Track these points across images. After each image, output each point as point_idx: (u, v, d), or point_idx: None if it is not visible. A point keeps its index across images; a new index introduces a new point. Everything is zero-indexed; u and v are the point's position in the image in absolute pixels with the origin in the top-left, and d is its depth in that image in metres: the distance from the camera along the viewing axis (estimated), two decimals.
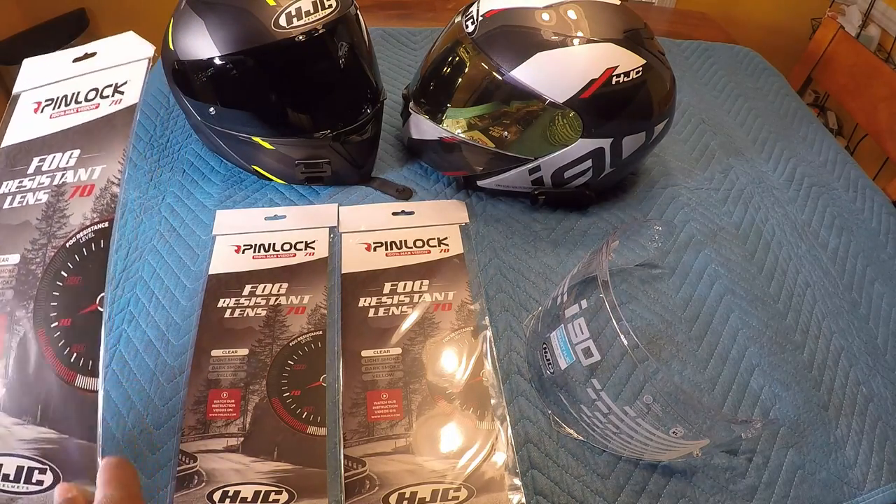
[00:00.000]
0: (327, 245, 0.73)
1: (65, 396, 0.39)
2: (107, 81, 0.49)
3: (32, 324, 0.41)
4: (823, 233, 0.84)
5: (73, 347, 0.40)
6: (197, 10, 0.69)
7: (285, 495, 0.52)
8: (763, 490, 0.56)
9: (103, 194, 0.44)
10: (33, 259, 0.42)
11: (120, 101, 0.48)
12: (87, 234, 0.43)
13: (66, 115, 0.48)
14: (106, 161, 0.45)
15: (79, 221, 0.43)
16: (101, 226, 0.43)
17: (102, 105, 0.48)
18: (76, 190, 0.44)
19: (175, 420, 0.57)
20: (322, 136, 0.76)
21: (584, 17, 0.69)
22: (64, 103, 0.49)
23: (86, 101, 0.48)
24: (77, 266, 0.42)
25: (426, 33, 1.17)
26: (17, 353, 0.40)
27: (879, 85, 1.26)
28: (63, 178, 0.45)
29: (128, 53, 0.50)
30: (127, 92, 0.48)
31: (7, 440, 0.39)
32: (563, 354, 0.56)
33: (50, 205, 0.44)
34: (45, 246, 0.43)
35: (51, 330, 0.40)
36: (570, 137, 0.72)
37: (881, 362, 0.68)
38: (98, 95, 0.48)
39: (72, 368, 0.40)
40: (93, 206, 0.44)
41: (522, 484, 0.54)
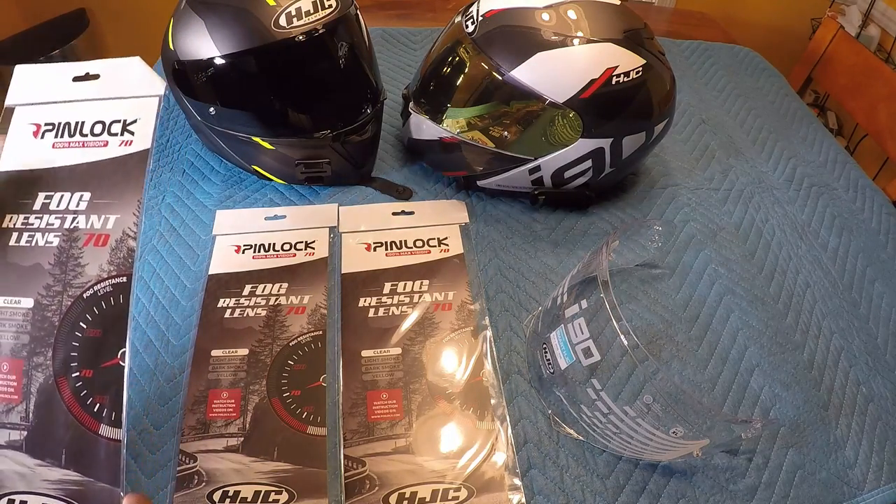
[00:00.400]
0: (327, 245, 0.73)
1: (89, 443, 0.41)
2: (114, 115, 0.47)
3: (52, 371, 0.41)
4: (823, 233, 0.84)
5: (96, 398, 0.41)
6: (197, 10, 0.69)
7: (285, 495, 0.52)
8: (763, 490, 0.56)
9: (119, 247, 0.44)
10: (48, 306, 0.42)
11: (131, 144, 0.46)
12: (105, 287, 0.43)
13: (70, 147, 0.46)
14: (120, 211, 0.44)
15: (95, 273, 0.43)
16: (118, 280, 0.43)
17: (111, 144, 0.46)
18: (90, 238, 0.44)
19: (175, 420, 0.57)
20: (322, 136, 0.76)
21: (584, 17, 0.69)
22: (67, 133, 0.47)
23: (92, 136, 0.47)
24: (96, 319, 0.42)
25: (426, 33, 1.17)
26: (37, 398, 0.41)
27: (879, 85, 1.26)
28: (75, 222, 0.44)
29: (135, 85, 0.48)
30: (137, 133, 0.46)
31: (31, 480, 0.40)
32: (563, 354, 0.56)
33: (62, 250, 0.44)
34: (61, 294, 0.43)
35: (72, 379, 0.41)
36: (570, 137, 0.72)
37: (881, 362, 0.68)
38: (105, 131, 0.47)
39: (95, 418, 0.41)
40: (109, 259, 0.43)
41: (522, 484, 0.54)
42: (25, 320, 0.42)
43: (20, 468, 0.40)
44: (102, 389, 0.42)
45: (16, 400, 0.41)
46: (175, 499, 0.51)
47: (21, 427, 0.41)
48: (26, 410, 0.41)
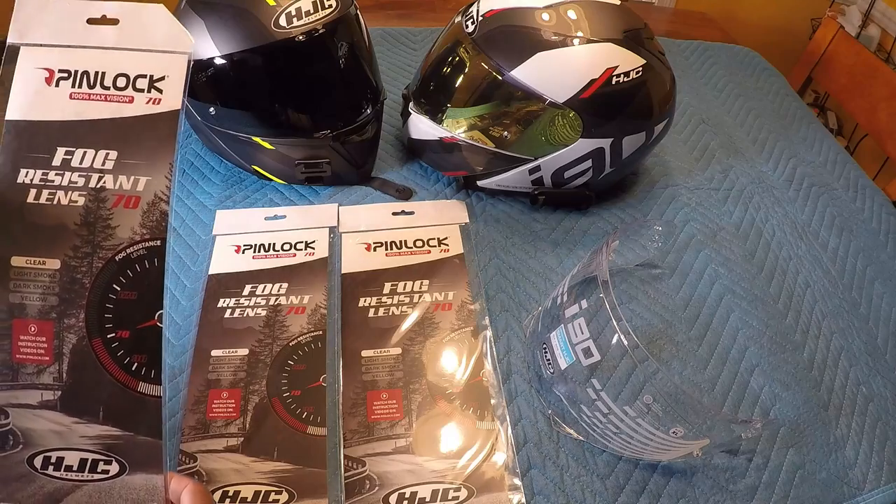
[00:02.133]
0: (327, 245, 0.73)
1: (127, 400, 0.41)
2: (139, 69, 0.43)
3: (86, 332, 0.41)
4: (823, 233, 0.84)
5: (134, 357, 0.41)
6: (197, 10, 0.69)
7: (285, 495, 0.52)
8: (763, 490, 0.56)
9: (151, 210, 0.42)
10: (78, 268, 0.42)
11: (159, 103, 0.43)
12: (138, 251, 0.42)
13: (91, 99, 0.43)
14: (150, 173, 0.43)
15: (127, 235, 0.42)
16: (152, 243, 0.42)
17: (137, 101, 0.43)
18: (119, 199, 0.42)
19: (175, 420, 0.57)
20: (322, 136, 0.76)
21: (584, 17, 0.69)
22: (87, 83, 0.43)
23: (115, 89, 0.43)
24: (130, 281, 0.42)
25: (426, 33, 1.17)
26: (70, 359, 0.41)
27: (879, 85, 1.26)
28: (101, 181, 0.42)
29: (160, 38, 0.44)
30: (166, 91, 0.43)
31: (68, 437, 0.41)
32: (563, 354, 0.56)
33: (89, 210, 0.42)
34: (91, 256, 0.42)
35: (108, 340, 0.41)
36: (570, 137, 0.72)
37: (881, 362, 0.68)
38: (130, 85, 0.43)
39: (133, 376, 0.41)
40: (141, 222, 0.42)
41: (522, 484, 0.54)
42: (53, 281, 0.41)
43: (56, 426, 0.41)
44: (140, 349, 0.42)
45: (47, 361, 0.41)
46: None
47: (54, 387, 0.41)
48: (59, 371, 0.41)
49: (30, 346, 0.41)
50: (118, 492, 0.41)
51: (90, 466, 0.41)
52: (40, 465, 0.41)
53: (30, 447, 0.41)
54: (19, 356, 0.41)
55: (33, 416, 0.41)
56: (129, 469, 0.41)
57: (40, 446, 0.41)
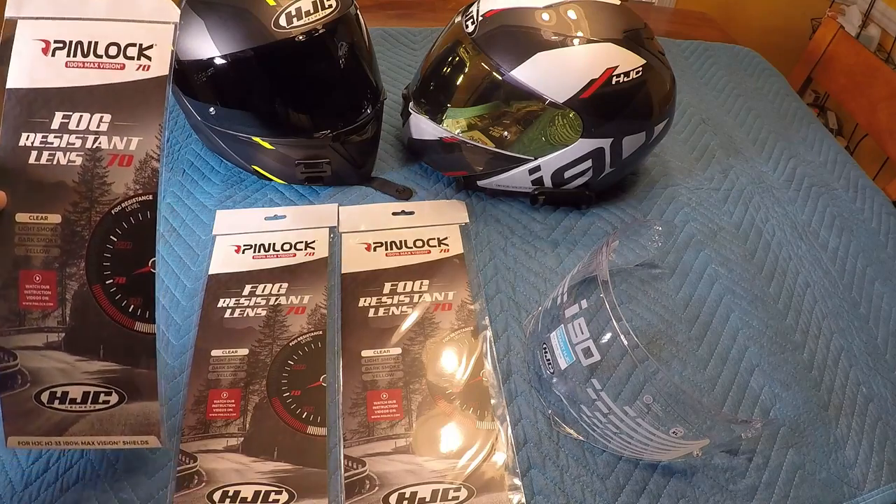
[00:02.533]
0: (327, 245, 0.73)
1: (125, 338, 0.46)
2: (128, 38, 0.47)
3: (87, 279, 0.46)
4: (823, 233, 0.84)
5: (130, 300, 0.46)
6: (197, 10, 0.69)
7: (285, 495, 0.52)
8: (763, 490, 0.56)
9: (143, 167, 0.46)
10: (77, 221, 0.45)
11: (148, 69, 0.47)
12: (132, 205, 0.46)
13: (86, 67, 0.46)
14: (142, 133, 0.46)
15: (122, 191, 0.46)
16: (145, 198, 0.46)
17: (128, 67, 0.47)
18: (114, 158, 0.46)
19: (175, 420, 0.57)
20: (322, 136, 0.76)
21: (584, 17, 0.69)
22: (81, 52, 0.46)
23: (108, 57, 0.46)
24: (126, 233, 0.46)
25: (426, 33, 1.17)
26: (73, 304, 0.45)
27: (879, 85, 1.26)
28: (97, 143, 0.46)
29: (149, 8, 0.48)
30: (154, 58, 0.47)
31: (71, 373, 0.46)
32: (563, 354, 0.56)
33: (87, 169, 0.45)
34: (89, 210, 0.45)
35: (106, 286, 0.46)
36: (570, 137, 0.72)
37: (881, 362, 0.68)
38: (121, 54, 0.47)
39: (130, 317, 0.46)
40: (134, 178, 0.46)
41: (522, 484, 0.54)
42: (55, 235, 0.45)
43: (60, 364, 0.45)
44: (136, 293, 0.46)
45: (51, 307, 0.45)
46: (175, 499, 0.51)
47: (59, 330, 0.45)
48: (62, 315, 0.45)
49: (35, 293, 0.45)
50: (118, 418, 0.46)
51: (92, 398, 0.46)
52: (47, 399, 0.46)
53: (37, 384, 0.45)
54: (25, 303, 0.45)
55: (40, 356, 0.45)
56: (128, 398, 0.46)
57: (47, 383, 0.46)
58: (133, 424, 0.46)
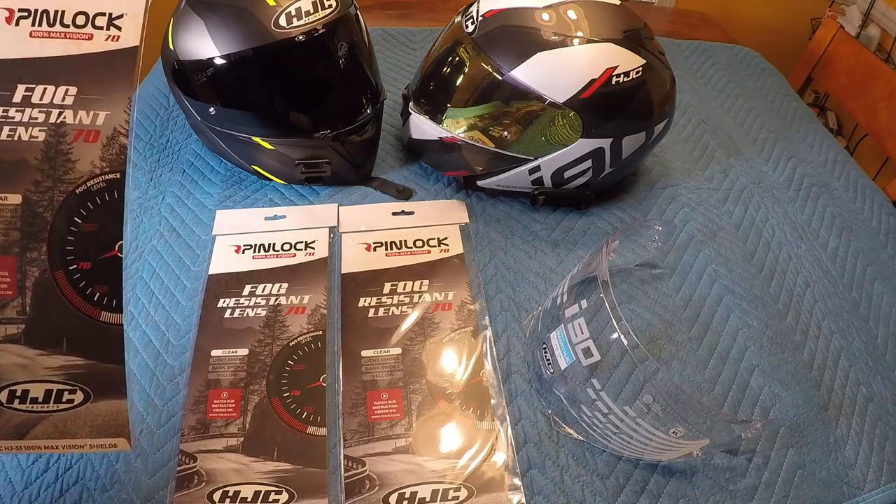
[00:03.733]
0: (327, 245, 0.73)
1: (90, 329, 0.42)
2: (98, 7, 0.44)
3: (49, 265, 0.42)
4: (823, 233, 0.84)
5: (96, 288, 0.42)
6: (197, 10, 0.69)
7: (285, 495, 0.52)
8: (763, 490, 0.56)
9: (111, 143, 0.43)
10: (39, 202, 0.42)
11: (118, 39, 0.44)
12: (98, 183, 0.43)
13: (51, 37, 0.43)
14: (109, 108, 0.43)
15: (87, 169, 0.42)
16: (112, 176, 0.42)
17: (97, 38, 0.44)
18: (79, 134, 0.43)
19: (175, 420, 0.57)
20: (322, 136, 0.76)
21: (584, 17, 0.69)
22: (46, 21, 0.43)
23: (75, 27, 0.43)
24: (91, 214, 0.42)
25: (426, 33, 1.17)
26: (33, 292, 0.42)
27: (879, 85, 1.26)
28: (61, 117, 0.43)
29: None
30: (125, 29, 0.44)
31: (32, 369, 0.42)
32: (563, 354, 0.56)
33: (50, 145, 0.42)
34: (52, 189, 0.42)
35: (70, 272, 0.42)
36: (570, 137, 0.72)
37: (881, 362, 0.68)
38: (89, 23, 0.44)
39: (95, 307, 0.42)
40: (101, 155, 0.43)
41: (522, 484, 0.54)
42: (14, 216, 0.42)
43: (20, 359, 0.42)
44: (101, 279, 0.43)
45: (10, 295, 0.42)
46: (175, 499, 0.51)
47: (18, 321, 0.42)
48: (22, 305, 0.42)
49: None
50: (83, 419, 0.43)
51: (55, 397, 0.42)
52: (6, 399, 0.42)
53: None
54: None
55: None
56: (94, 396, 0.43)
57: (6, 380, 0.42)
58: (100, 426, 0.43)
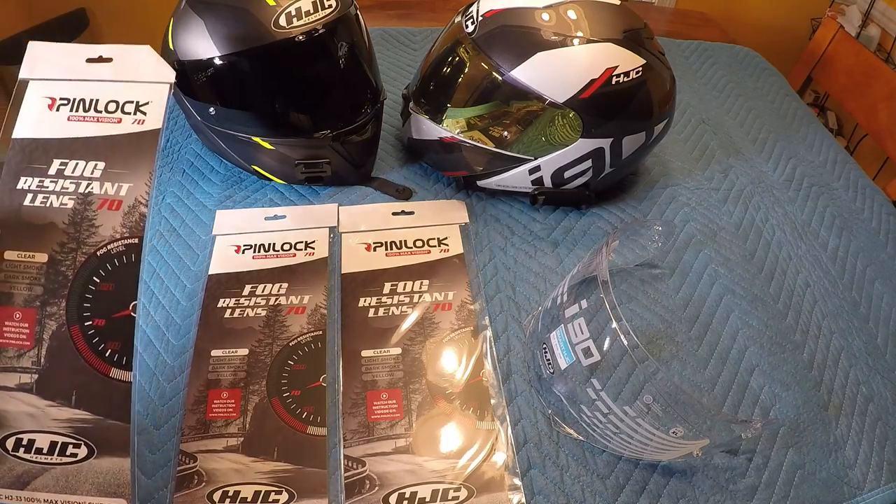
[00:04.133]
0: (327, 245, 0.73)
1: (99, 385, 0.44)
2: (127, 97, 0.50)
3: (66, 320, 0.45)
4: (823, 233, 0.84)
5: (108, 344, 0.45)
6: (197, 10, 0.69)
7: (285, 495, 0.52)
8: (763, 490, 0.56)
9: (131, 212, 0.48)
10: (63, 261, 0.46)
11: (143, 122, 0.50)
12: (118, 247, 0.47)
13: (86, 121, 0.50)
14: (132, 180, 0.48)
15: (108, 233, 0.47)
16: (131, 241, 0.47)
17: (125, 121, 0.50)
18: (104, 203, 0.48)
19: (175, 420, 0.57)
20: (322, 136, 0.76)
21: (584, 17, 0.69)
22: (83, 108, 0.50)
23: (106, 112, 0.50)
24: (109, 274, 0.46)
25: (426, 33, 1.17)
26: (49, 344, 0.44)
27: (879, 85, 1.26)
28: (89, 187, 0.48)
29: (147, 71, 0.52)
30: (150, 114, 0.50)
31: (40, 419, 0.43)
32: (562, 354, 0.56)
33: (77, 212, 0.47)
34: (75, 251, 0.46)
35: (85, 328, 0.45)
36: (570, 137, 0.72)
37: (881, 362, 0.68)
38: (119, 109, 0.50)
39: (106, 362, 0.45)
40: (122, 222, 0.47)
41: (522, 484, 0.54)
42: (39, 273, 0.46)
43: (29, 409, 0.43)
44: (114, 337, 0.45)
45: (28, 346, 0.44)
46: (175, 499, 0.51)
47: (32, 371, 0.44)
48: (38, 356, 0.44)
49: (13, 331, 0.44)
50: (85, 475, 0.43)
51: (59, 449, 0.43)
52: (12, 446, 0.43)
53: (3, 428, 0.43)
54: (2, 340, 0.44)
55: (9, 397, 0.44)
56: (98, 452, 0.44)
57: (14, 428, 0.43)
58: (101, 483, 0.43)
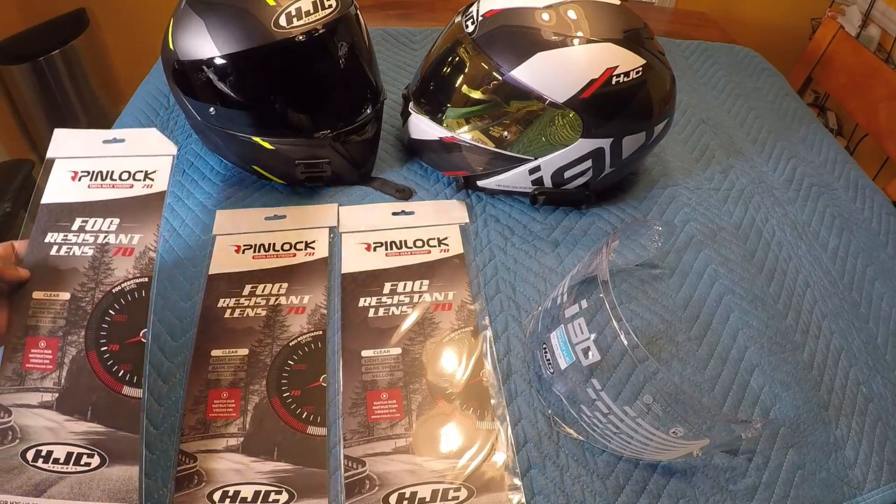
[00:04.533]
0: (327, 245, 0.73)
1: (112, 401, 0.50)
2: (138, 167, 0.60)
3: (84, 346, 0.51)
4: (823, 233, 0.84)
5: (121, 366, 0.51)
6: (197, 10, 0.69)
7: (285, 495, 0.52)
8: (763, 490, 0.56)
9: (142, 256, 0.56)
10: (83, 298, 0.53)
11: (151, 186, 0.60)
12: (130, 285, 0.54)
13: (103, 188, 0.59)
14: (143, 232, 0.57)
15: (122, 274, 0.54)
16: (141, 280, 0.55)
17: (136, 186, 0.60)
18: (118, 250, 0.56)
19: (175, 420, 0.57)
20: (322, 136, 0.76)
21: (584, 17, 0.69)
22: (100, 177, 0.60)
23: (120, 180, 0.60)
24: (122, 308, 0.53)
25: (426, 33, 1.17)
26: (69, 367, 0.50)
27: (879, 85, 1.26)
28: (106, 239, 0.56)
29: (153, 147, 0.62)
30: (157, 180, 0.60)
31: (59, 432, 0.48)
32: (562, 354, 0.56)
33: (96, 258, 0.55)
34: (94, 290, 0.54)
35: (101, 353, 0.51)
36: (570, 137, 0.72)
37: (881, 362, 0.68)
38: (131, 178, 0.60)
39: (119, 381, 0.51)
40: (134, 265, 0.55)
41: (522, 484, 0.54)
42: (63, 309, 0.53)
43: (50, 423, 0.49)
44: (127, 360, 0.51)
45: (50, 369, 0.50)
46: (175, 499, 0.51)
47: (53, 390, 0.50)
48: (59, 377, 0.50)
49: (38, 357, 0.51)
50: (97, 482, 0.48)
51: (75, 459, 0.48)
52: (31, 457, 0.48)
53: (25, 441, 0.48)
54: (28, 365, 0.50)
55: (32, 414, 0.49)
56: (109, 461, 0.48)
57: (35, 441, 0.48)
58: (111, 490, 0.47)
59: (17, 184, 1.21)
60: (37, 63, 1.82)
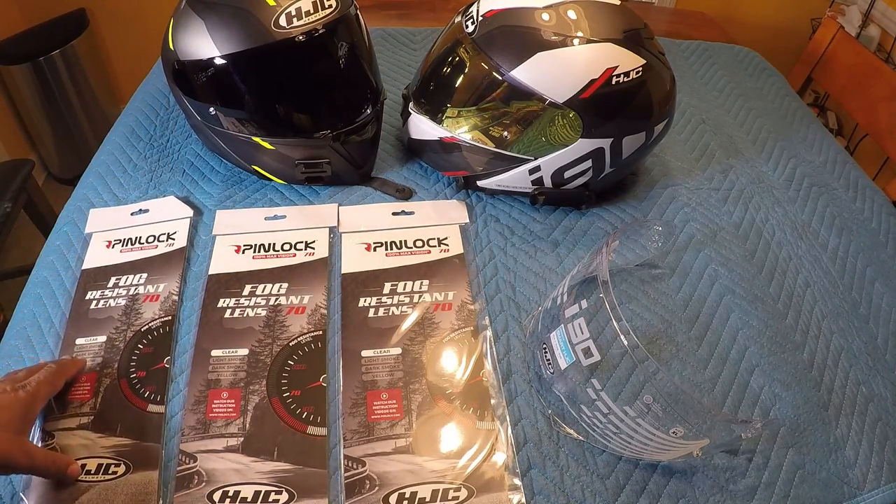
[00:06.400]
0: (327, 245, 0.73)
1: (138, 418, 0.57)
2: (161, 231, 0.73)
3: (116, 376, 0.60)
4: (823, 233, 0.84)
5: (147, 388, 0.59)
6: (197, 10, 0.69)
7: (285, 495, 0.52)
8: (763, 490, 0.56)
9: (166, 301, 0.66)
10: (116, 338, 0.63)
11: (173, 244, 0.71)
12: (156, 324, 0.64)
13: (132, 251, 0.71)
14: (167, 282, 0.68)
15: (149, 316, 0.64)
16: (165, 319, 0.64)
17: (160, 246, 0.71)
18: (146, 298, 0.66)
19: (175, 420, 0.57)
20: (322, 137, 0.76)
21: (584, 17, 0.69)
22: (130, 243, 0.72)
23: (147, 243, 0.72)
24: (149, 342, 0.62)
25: (426, 33, 1.17)
26: (104, 395, 0.58)
27: (879, 85, 1.26)
28: (136, 290, 0.67)
29: (173, 211, 0.75)
30: (177, 239, 0.72)
31: (92, 448, 0.55)
32: (562, 354, 0.56)
33: (128, 307, 0.65)
34: (125, 331, 0.63)
35: (130, 380, 0.60)
36: (570, 137, 0.72)
37: (881, 362, 0.68)
38: (156, 240, 0.72)
39: (145, 401, 0.58)
40: (159, 308, 0.65)
41: (522, 484, 0.54)
42: (100, 349, 0.62)
43: (85, 441, 0.55)
44: (152, 383, 0.59)
45: (87, 398, 0.58)
46: (175, 499, 0.51)
47: (90, 414, 0.57)
48: (94, 403, 0.58)
49: (79, 388, 0.59)
50: (122, 488, 0.52)
51: (104, 469, 0.53)
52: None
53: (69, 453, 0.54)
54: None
55: (71, 435, 0.55)
56: (133, 468, 0.53)
57: (69, 453, 0.54)
58: (133, 493, 0.52)
59: (17, 184, 1.21)
60: (37, 63, 1.82)
